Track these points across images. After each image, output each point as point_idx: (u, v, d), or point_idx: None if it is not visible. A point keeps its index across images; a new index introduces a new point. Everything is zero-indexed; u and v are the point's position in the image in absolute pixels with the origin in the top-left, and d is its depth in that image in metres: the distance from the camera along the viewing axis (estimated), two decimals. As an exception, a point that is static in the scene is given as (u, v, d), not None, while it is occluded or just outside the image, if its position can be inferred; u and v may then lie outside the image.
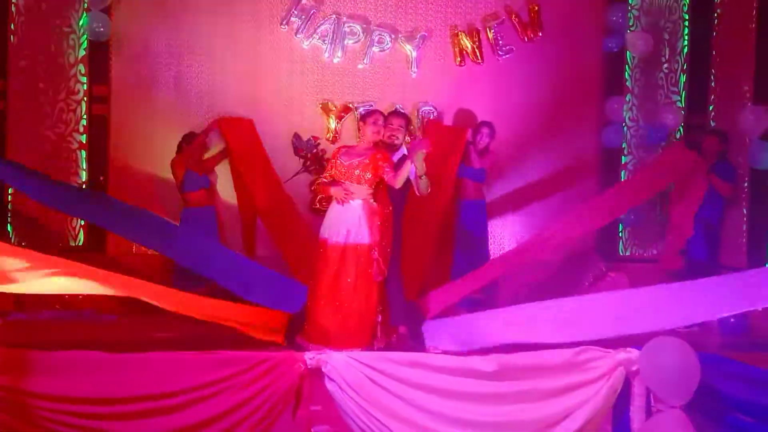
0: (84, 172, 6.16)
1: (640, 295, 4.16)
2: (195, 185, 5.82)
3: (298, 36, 6.42)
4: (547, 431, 3.25)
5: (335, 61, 6.47)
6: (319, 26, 6.43)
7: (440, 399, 3.18)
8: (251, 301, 4.77)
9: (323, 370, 3.02)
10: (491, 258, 5.97)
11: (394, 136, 4.70)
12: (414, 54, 6.55)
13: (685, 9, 6.80)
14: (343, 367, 3.04)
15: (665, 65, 6.79)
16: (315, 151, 6.49)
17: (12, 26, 6.00)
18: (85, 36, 6.09)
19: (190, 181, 5.79)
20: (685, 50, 6.80)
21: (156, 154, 6.02)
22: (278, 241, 5.91)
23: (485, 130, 6.04)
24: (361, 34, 6.49)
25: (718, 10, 6.62)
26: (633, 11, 6.73)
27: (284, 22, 6.40)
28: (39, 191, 5.33)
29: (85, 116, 6.15)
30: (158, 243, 5.21)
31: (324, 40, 6.46)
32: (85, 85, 6.14)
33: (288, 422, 3.03)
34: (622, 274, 5.93)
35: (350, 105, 6.50)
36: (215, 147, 6.08)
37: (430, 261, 5.61)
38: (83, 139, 6.16)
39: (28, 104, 6.04)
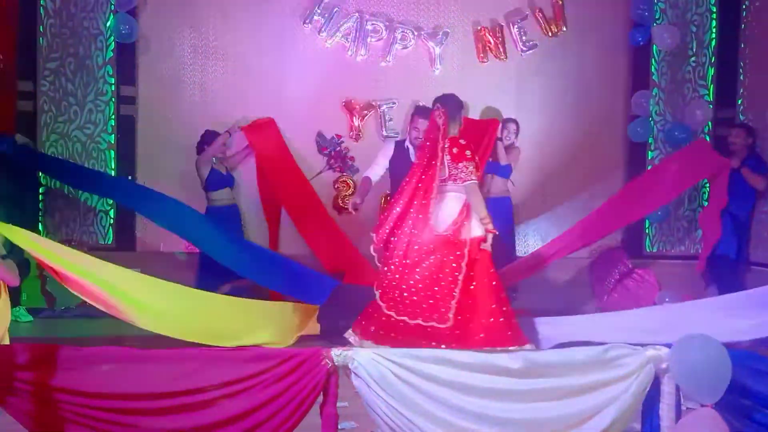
0: (113, 172, 6.25)
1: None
2: (220, 184, 5.90)
3: (321, 34, 6.45)
4: (574, 429, 3.22)
5: (358, 59, 6.49)
6: (342, 24, 6.45)
7: (466, 395, 3.16)
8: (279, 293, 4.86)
9: (350, 366, 3.01)
10: (517, 255, 5.94)
11: (418, 138, 4.72)
12: (437, 51, 6.54)
13: (713, 1, 6.70)
14: (370, 364, 3.04)
15: (692, 59, 6.70)
16: (338, 149, 6.52)
17: (41, 29, 6.11)
18: (113, 38, 6.18)
19: (214, 180, 5.86)
20: (713, 43, 6.70)
21: (182, 154, 6.09)
22: (308, 238, 5.96)
23: (511, 127, 6.01)
24: (384, 31, 6.49)
25: (747, 2, 6.50)
26: (659, 4, 6.66)
27: (307, 21, 6.43)
28: (73, 175, 5.61)
29: (113, 117, 6.25)
30: (186, 230, 5.27)
31: (347, 38, 6.47)
32: (113, 86, 6.23)
33: (315, 419, 3.04)
34: (648, 270, 5.86)
35: (373, 103, 6.51)
36: (238, 145, 6.15)
37: None
38: (112, 139, 6.26)
39: (57, 105, 6.15)
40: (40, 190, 6.10)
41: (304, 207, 6.10)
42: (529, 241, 6.51)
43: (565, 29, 6.61)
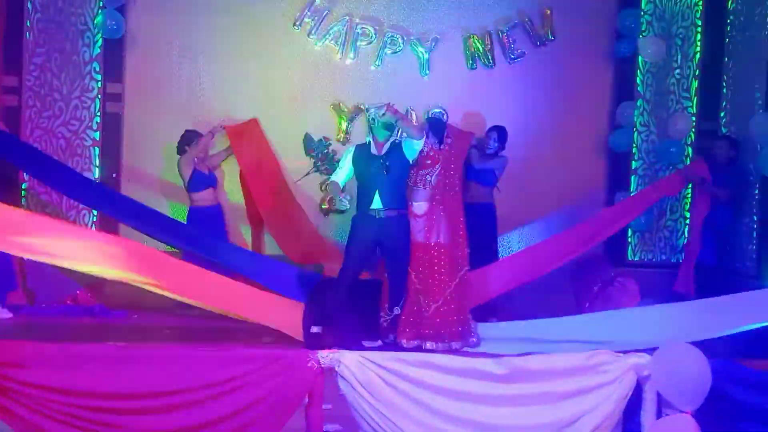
0: (97, 169, 6.20)
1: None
2: (202, 184, 5.85)
3: (310, 37, 6.45)
4: (557, 434, 3.26)
5: (347, 62, 6.50)
6: (331, 27, 6.46)
7: (451, 400, 3.20)
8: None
9: (336, 369, 3.03)
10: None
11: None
12: (426, 56, 6.57)
13: (698, 15, 6.79)
14: (356, 367, 3.06)
15: (677, 71, 6.79)
16: (326, 151, 6.52)
17: (28, 23, 6.04)
18: (100, 34, 6.13)
19: (197, 180, 5.81)
20: (698, 56, 6.80)
21: (168, 153, 6.05)
22: (281, 241, 5.98)
23: (495, 135, 6.04)
24: (374, 35, 6.51)
25: (731, 17, 6.62)
26: (645, 16, 6.73)
27: (297, 23, 6.43)
28: (52, 177, 5.48)
29: (98, 113, 6.19)
30: (168, 237, 5.29)
31: (336, 41, 6.48)
32: (99, 83, 6.18)
33: (300, 421, 3.04)
34: (630, 279, 5.93)
35: (361, 106, 6.51)
36: (220, 144, 6.11)
37: None
38: (97, 136, 6.20)
39: (42, 101, 6.09)
40: (23, 186, 6.03)
41: (277, 208, 6.09)
42: (513, 249, 6.55)
43: (553, 39, 6.67)
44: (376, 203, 4.67)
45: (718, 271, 5.99)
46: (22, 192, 6.04)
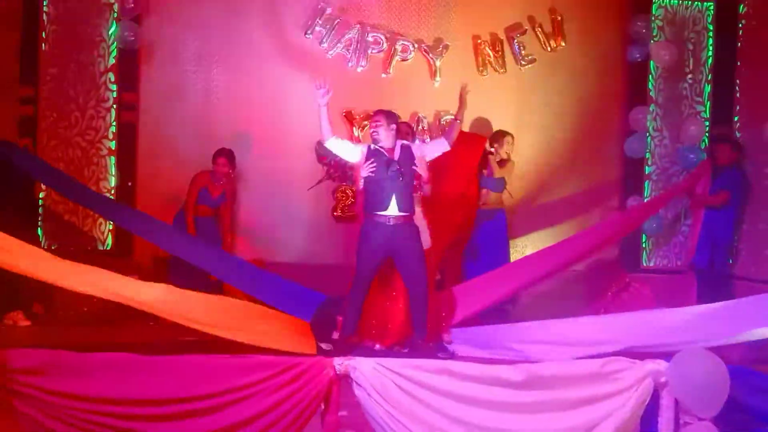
0: (113, 178, 6.26)
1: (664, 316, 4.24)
2: (204, 201, 5.81)
3: (322, 45, 6.49)
4: (573, 441, 3.24)
5: (359, 70, 6.53)
6: (343, 35, 6.50)
7: (466, 407, 3.18)
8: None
9: (351, 375, 3.03)
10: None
11: (374, 131, 4.79)
12: (437, 64, 6.59)
13: (710, 20, 6.80)
14: (371, 373, 3.06)
15: (689, 76, 6.78)
16: (338, 158, 6.52)
17: (43, 34, 6.12)
18: (115, 44, 6.20)
19: (203, 198, 5.78)
20: (710, 61, 6.79)
21: (183, 161, 6.10)
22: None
23: (505, 140, 6.06)
24: (385, 43, 6.54)
25: (743, 21, 6.60)
26: (657, 21, 6.73)
27: (309, 32, 6.47)
28: (66, 190, 5.55)
29: (114, 123, 6.25)
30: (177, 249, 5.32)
31: (348, 49, 6.52)
32: (114, 93, 6.24)
33: (316, 428, 3.05)
34: (645, 284, 5.91)
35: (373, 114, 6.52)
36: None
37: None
38: (112, 145, 6.26)
39: (58, 111, 6.15)
40: (40, 195, 6.09)
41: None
42: (527, 254, 6.53)
43: (563, 44, 6.68)
44: (392, 209, 4.65)
45: (710, 275, 5.99)
46: (39, 201, 6.10)
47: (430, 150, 4.89)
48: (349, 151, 4.81)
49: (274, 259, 6.14)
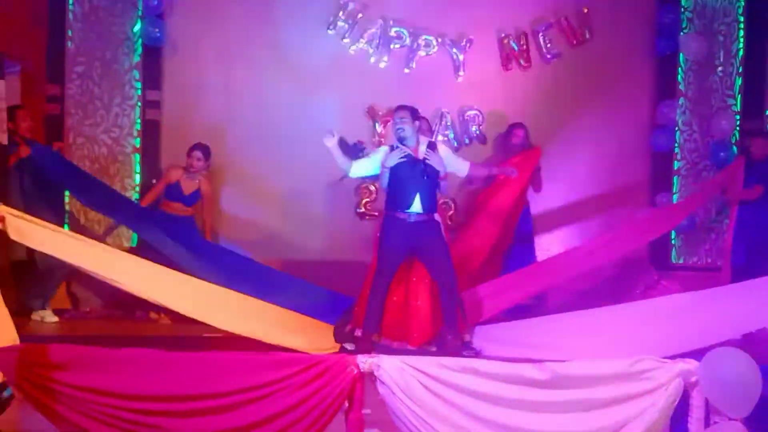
0: (138, 176, 6.30)
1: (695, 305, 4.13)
2: (175, 197, 5.74)
3: (344, 40, 6.46)
4: (601, 442, 3.19)
5: (381, 65, 6.49)
6: (365, 30, 6.46)
7: (492, 406, 3.15)
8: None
9: (375, 373, 3.02)
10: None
11: (400, 128, 4.74)
12: (460, 58, 6.53)
13: (740, 11, 6.64)
14: (395, 372, 3.04)
15: (720, 68, 6.64)
16: (360, 155, 6.49)
17: (69, 33, 6.18)
18: (140, 42, 6.24)
19: (174, 193, 5.72)
20: (741, 53, 6.64)
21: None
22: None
23: (520, 132, 6.01)
24: (408, 38, 6.49)
25: (775, 12, 6.44)
26: (686, 13, 6.60)
27: (331, 27, 6.45)
28: (89, 196, 5.62)
29: (139, 120, 6.30)
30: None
31: (370, 45, 6.48)
32: (139, 90, 6.28)
33: (340, 425, 3.04)
34: (674, 282, 5.81)
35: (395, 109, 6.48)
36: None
37: (482, 266, 5.60)
38: (137, 143, 6.31)
39: (84, 109, 6.21)
40: (66, 193, 6.16)
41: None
42: (552, 251, 6.45)
43: (590, 37, 6.57)
44: (416, 207, 4.62)
45: (747, 272, 5.84)
46: (66, 198, 6.16)
47: (451, 163, 4.81)
48: (372, 163, 4.81)
49: (294, 257, 6.14)
